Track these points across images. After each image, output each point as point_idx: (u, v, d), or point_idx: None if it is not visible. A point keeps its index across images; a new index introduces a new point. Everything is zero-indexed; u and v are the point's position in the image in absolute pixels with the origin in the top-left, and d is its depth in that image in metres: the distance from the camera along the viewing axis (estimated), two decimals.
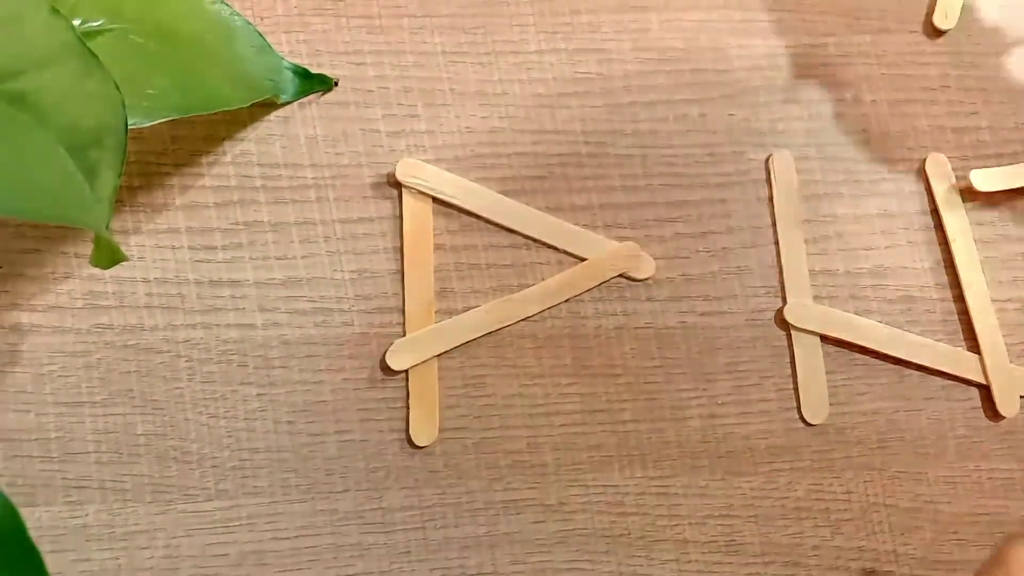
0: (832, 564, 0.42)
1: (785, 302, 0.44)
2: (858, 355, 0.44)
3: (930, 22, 0.48)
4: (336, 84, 0.43)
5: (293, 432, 0.41)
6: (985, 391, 0.45)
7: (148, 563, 0.39)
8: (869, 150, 0.46)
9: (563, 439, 0.42)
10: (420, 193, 0.42)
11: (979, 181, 0.46)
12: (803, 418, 0.43)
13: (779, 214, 0.45)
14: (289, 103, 0.43)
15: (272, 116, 0.43)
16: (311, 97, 0.43)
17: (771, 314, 0.44)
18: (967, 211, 0.46)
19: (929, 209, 0.46)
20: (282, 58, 0.42)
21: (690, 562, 0.42)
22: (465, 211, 0.43)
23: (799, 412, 0.43)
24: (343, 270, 0.42)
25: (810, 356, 0.44)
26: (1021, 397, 0.45)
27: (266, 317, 0.41)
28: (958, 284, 0.45)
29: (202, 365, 0.40)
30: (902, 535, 0.43)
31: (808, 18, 0.47)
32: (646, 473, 0.42)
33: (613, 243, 0.43)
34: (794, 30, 0.47)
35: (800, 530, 0.43)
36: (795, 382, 0.44)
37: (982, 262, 0.46)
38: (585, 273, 0.43)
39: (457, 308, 0.42)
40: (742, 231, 0.45)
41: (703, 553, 0.42)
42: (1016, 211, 0.47)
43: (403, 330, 0.42)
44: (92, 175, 0.30)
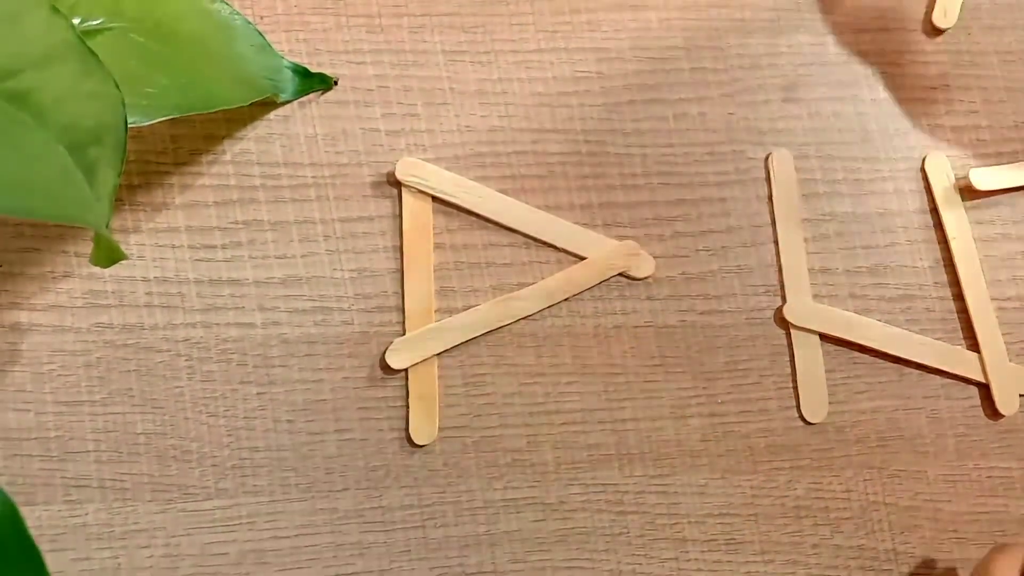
0: (831, 562, 0.43)
1: (785, 301, 0.44)
2: (857, 354, 0.44)
3: (929, 21, 0.48)
4: (336, 83, 0.43)
5: (293, 431, 0.41)
6: (984, 390, 0.45)
7: (148, 562, 0.39)
8: (868, 149, 0.46)
9: (563, 438, 0.42)
10: (420, 192, 0.42)
11: (978, 180, 0.46)
12: (803, 417, 0.43)
13: (778, 213, 0.45)
14: (289, 102, 0.43)
15: (272, 115, 0.43)
16: (311, 96, 0.43)
17: (770, 313, 0.44)
18: (966, 210, 0.46)
19: (928, 208, 0.46)
20: (282, 57, 0.42)
21: (689, 560, 0.42)
22: (465, 210, 0.43)
23: (799, 411, 0.43)
24: (343, 269, 0.42)
25: (810, 355, 0.44)
26: (1020, 396, 0.45)
27: (266, 316, 0.41)
28: (957, 283, 0.45)
29: (202, 364, 0.40)
30: (901, 533, 0.43)
31: (807, 17, 0.47)
32: (646, 472, 0.42)
33: (613, 242, 0.43)
34: (793, 29, 0.47)
35: (799, 528, 0.43)
36: (794, 381, 0.44)
37: (981, 261, 0.46)
38: (585, 272, 0.43)
39: (457, 307, 0.42)
40: (742, 230, 0.45)
41: (703, 551, 0.42)
42: (1015, 210, 0.47)
43: (403, 329, 0.42)
44: (91, 174, 0.30)
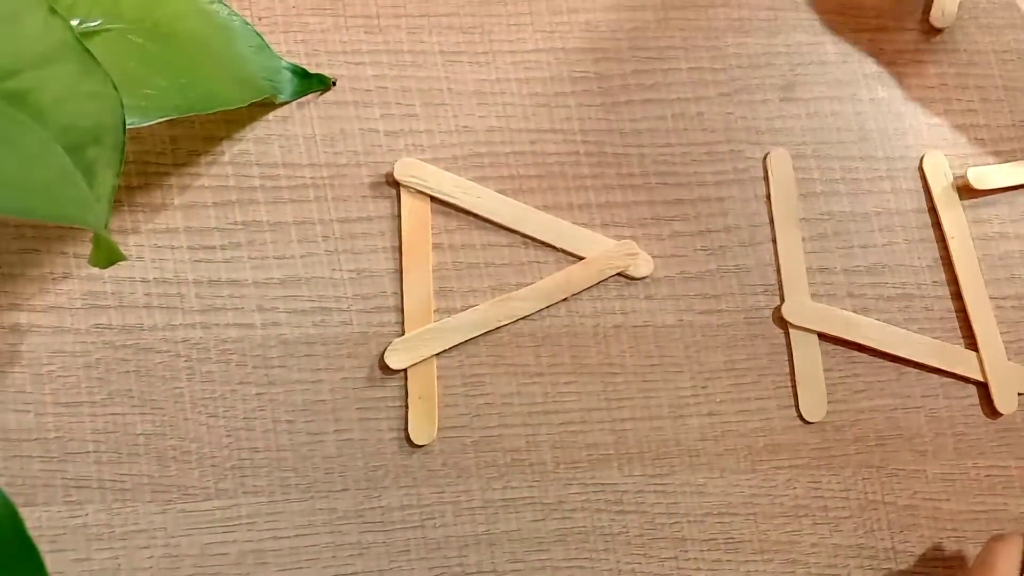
0: (830, 561, 0.43)
1: (783, 300, 0.44)
2: (856, 353, 0.44)
3: (927, 20, 0.48)
4: (334, 84, 0.43)
5: (292, 431, 0.41)
6: (983, 388, 0.45)
7: (147, 562, 0.39)
8: (866, 148, 0.46)
9: (562, 437, 0.42)
10: (418, 192, 0.43)
11: (976, 179, 0.46)
12: (801, 416, 0.43)
13: (777, 212, 0.45)
14: (287, 103, 0.43)
15: (270, 116, 0.43)
16: (309, 97, 0.43)
17: (769, 312, 0.44)
18: (964, 209, 0.46)
19: (927, 207, 0.46)
20: (280, 58, 0.42)
21: (689, 560, 0.42)
22: (463, 210, 0.43)
23: (797, 410, 0.43)
24: (342, 269, 0.42)
25: (808, 354, 0.44)
26: (1019, 394, 0.45)
27: (265, 317, 0.41)
28: (955, 281, 0.45)
29: (201, 365, 0.40)
30: (900, 532, 0.43)
31: (805, 16, 0.47)
32: (645, 471, 0.42)
33: (611, 242, 0.43)
34: (791, 28, 0.47)
35: (798, 528, 0.43)
36: (793, 380, 0.44)
37: (980, 259, 0.46)
38: (583, 272, 0.43)
39: (456, 307, 0.42)
40: (740, 229, 0.45)
41: (702, 551, 0.42)
42: (1013, 208, 0.47)
43: (402, 329, 0.42)
44: (90, 174, 0.30)
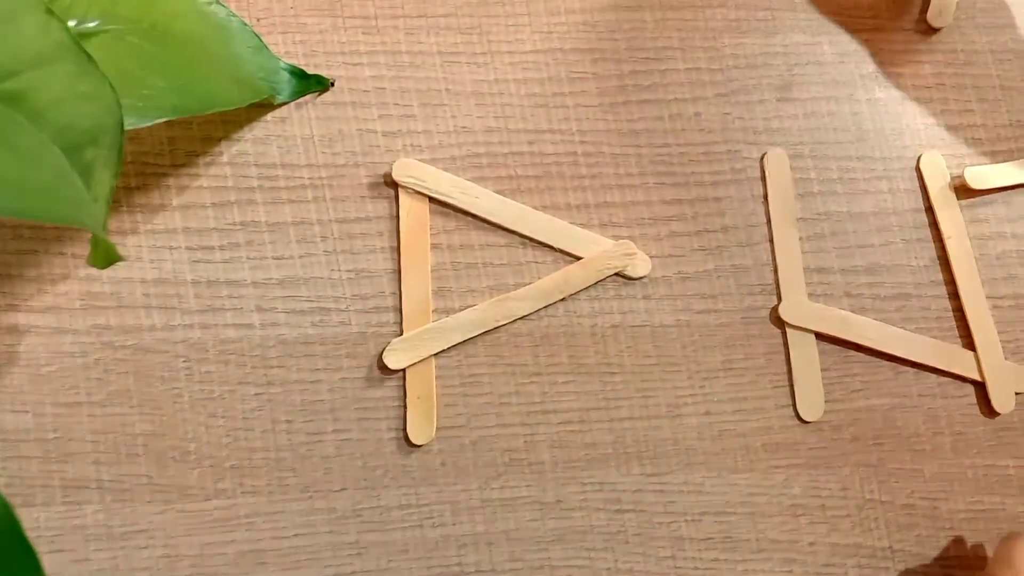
0: (828, 560, 0.43)
1: (780, 300, 0.44)
2: (853, 352, 0.44)
3: (924, 20, 0.48)
4: (332, 84, 0.43)
5: (291, 431, 0.41)
6: (980, 388, 0.45)
7: (146, 562, 0.39)
8: (864, 148, 0.46)
9: (560, 437, 0.42)
10: (417, 193, 0.43)
11: (973, 179, 0.46)
12: (799, 415, 0.43)
13: (774, 212, 0.45)
14: (286, 104, 0.43)
15: (269, 117, 0.43)
16: (307, 97, 0.43)
17: (766, 312, 0.44)
18: (962, 209, 0.46)
19: (924, 207, 0.46)
20: (278, 59, 0.42)
21: (687, 559, 0.42)
22: (462, 210, 0.43)
23: (795, 409, 0.44)
24: (340, 270, 0.42)
25: (805, 353, 0.44)
26: (1016, 393, 0.45)
27: (264, 317, 0.41)
28: (953, 281, 0.45)
29: (200, 365, 0.41)
30: (898, 532, 0.43)
31: (802, 17, 0.47)
32: (643, 470, 0.42)
33: (609, 242, 0.44)
34: (788, 28, 0.47)
35: (796, 527, 0.43)
36: (791, 379, 0.44)
37: (977, 259, 0.46)
38: (581, 272, 0.43)
39: (454, 307, 0.42)
40: (737, 229, 0.45)
41: (700, 550, 0.42)
42: (1011, 208, 0.47)
43: (400, 329, 0.42)
44: (88, 175, 0.30)
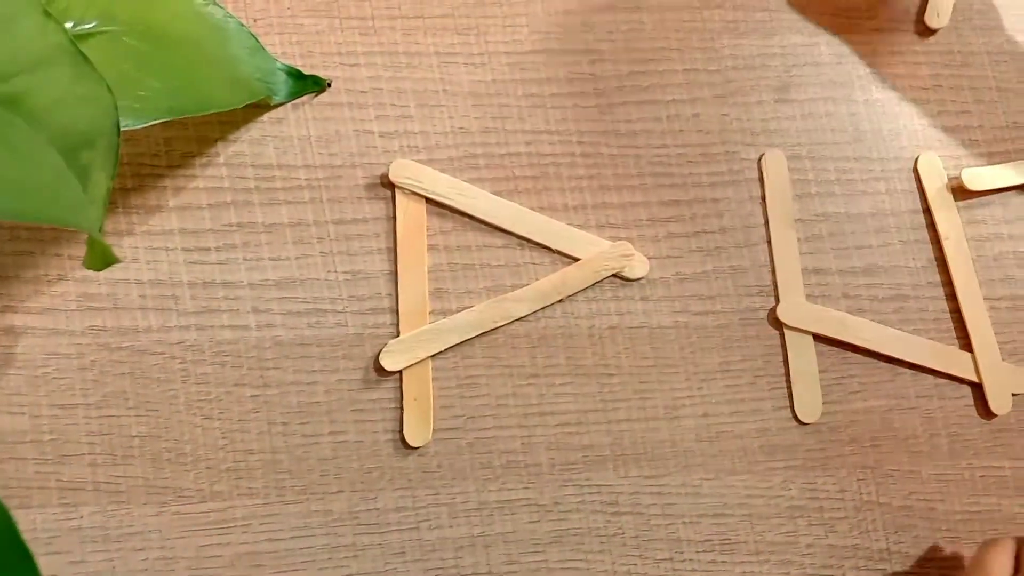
0: (826, 562, 0.43)
1: (778, 301, 0.44)
2: (851, 354, 0.44)
3: (922, 21, 0.48)
4: (329, 85, 0.43)
5: (287, 433, 0.41)
6: (977, 389, 0.45)
7: (142, 564, 0.39)
8: (861, 149, 0.46)
9: (557, 439, 0.42)
10: (414, 194, 0.43)
11: (971, 180, 0.46)
12: (796, 417, 0.43)
13: (772, 213, 0.45)
14: (282, 104, 0.43)
15: (265, 117, 0.43)
16: (304, 98, 0.43)
17: (764, 313, 0.44)
18: (959, 210, 0.46)
19: (921, 208, 0.46)
20: (275, 59, 0.42)
21: (684, 561, 0.42)
22: (459, 211, 0.43)
23: (792, 411, 0.44)
24: (337, 271, 0.42)
25: (803, 355, 0.44)
26: (1013, 395, 0.45)
27: (260, 318, 0.41)
28: (950, 283, 0.45)
29: (196, 367, 0.40)
30: (895, 533, 0.43)
31: (800, 18, 0.47)
32: (640, 472, 0.42)
33: (606, 243, 0.43)
34: (786, 30, 0.47)
35: (794, 528, 0.43)
36: (788, 381, 0.44)
37: (974, 260, 0.46)
38: (579, 273, 0.43)
39: (451, 308, 0.42)
40: (735, 230, 0.45)
41: (697, 552, 0.42)
42: (1008, 209, 0.47)
43: (397, 331, 0.42)
44: (85, 177, 0.30)
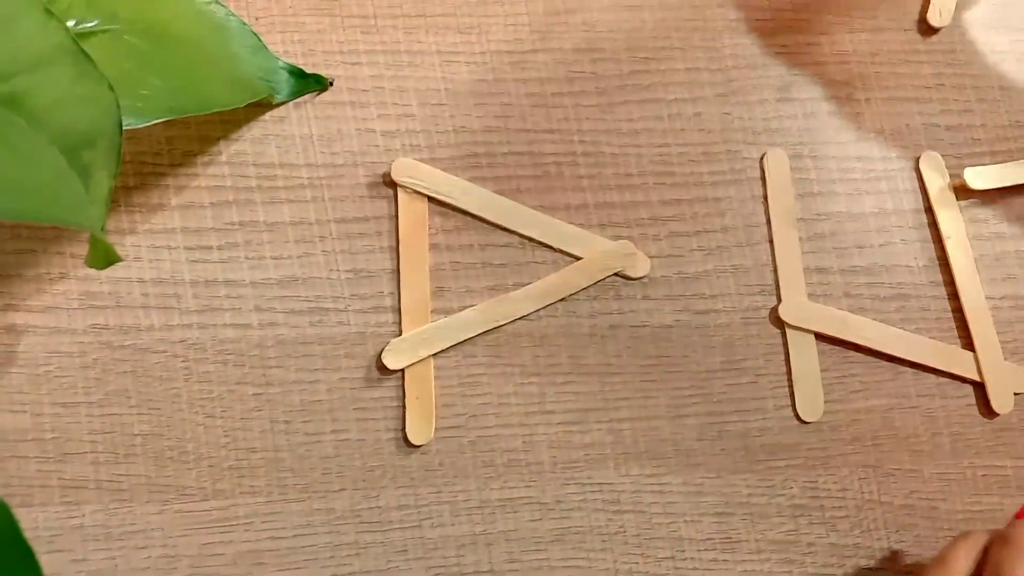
0: (827, 561, 0.43)
1: (780, 300, 0.44)
2: (853, 353, 0.44)
3: (924, 20, 0.48)
4: (331, 84, 0.43)
5: (290, 432, 0.41)
6: (979, 388, 0.45)
7: (145, 563, 0.39)
8: (863, 148, 0.46)
9: (559, 437, 0.42)
10: (416, 192, 0.43)
11: (973, 179, 0.46)
12: (798, 416, 0.43)
13: (773, 212, 0.45)
14: (284, 103, 0.43)
15: (267, 116, 0.43)
16: (306, 97, 0.43)
17: (766, 312, 0.44)
18: (961, 209, 0.46)
19: (923, 207, 0.46)
20: (277, 58, 0.42)
21: (686, 559, 0.42)
22: (461, 210, 0.43)
23: (794, 410, 0.44)
24: (339, 270, 0.42)
25: (805, 354, 0.44)
26: (1015, 394, 0.45)
27: (262, 317, 0.41)
28: (952, 282, 0.45)
29: (198, 365, 0.40)
30: (897, 532, 0.43)
31: (802, 16, 0.47)
32: (642, 471, 0.42)
33: (608, 242, 0.43)
34: (788, 28, 0.47)
35: (795, 527, 0.43)
36: (790, 380, 0.44)
37: (976, 260, 0.46)
38: (580, 272, 0.43)
39: (453, 307, 0.42)
40: (737, 229, 0.45)
41: (699, 551, 0.42)
42: (1010, 209, 0.47)
43: (399, 329, 0.42)
44: (87, 176, 0.30)
